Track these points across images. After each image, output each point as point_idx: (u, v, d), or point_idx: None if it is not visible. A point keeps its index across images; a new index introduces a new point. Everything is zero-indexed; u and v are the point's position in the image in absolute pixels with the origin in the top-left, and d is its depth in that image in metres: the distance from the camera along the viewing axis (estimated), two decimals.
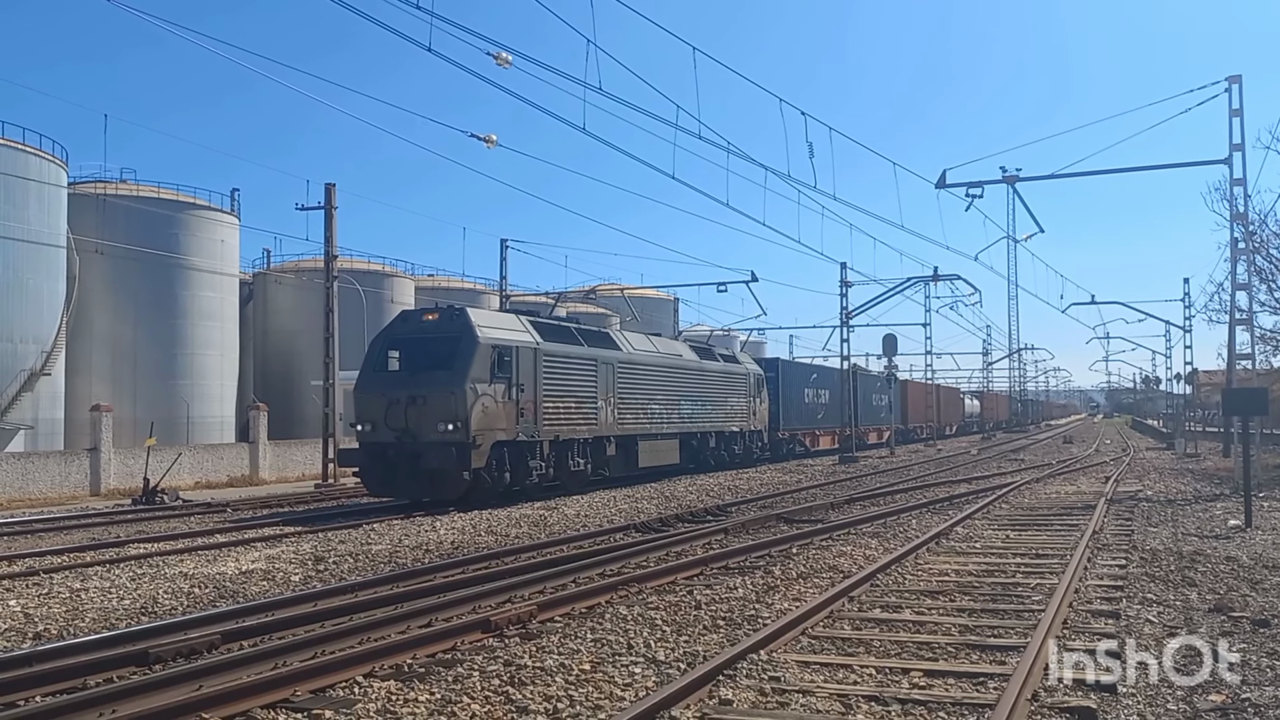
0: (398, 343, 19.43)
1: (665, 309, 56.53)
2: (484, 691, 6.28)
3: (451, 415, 17.75)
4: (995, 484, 22.72)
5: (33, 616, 8.96)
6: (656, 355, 26.12)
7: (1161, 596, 9.34)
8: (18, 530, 15.98)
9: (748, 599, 9.32)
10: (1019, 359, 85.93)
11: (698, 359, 28.79)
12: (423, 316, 20.01)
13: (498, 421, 18.57)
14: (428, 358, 18.64)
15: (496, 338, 18.98)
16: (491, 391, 18.38)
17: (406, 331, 19.53)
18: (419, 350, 18.92)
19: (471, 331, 18.55)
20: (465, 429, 17.73)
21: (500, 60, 13.97)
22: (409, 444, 17.98)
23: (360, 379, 19.47)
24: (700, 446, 28.23)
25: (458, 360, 18.18)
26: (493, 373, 18.45)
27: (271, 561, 12.16)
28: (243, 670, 6.66)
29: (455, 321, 19.01)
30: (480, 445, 18.07)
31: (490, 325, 19.43)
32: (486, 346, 18.49)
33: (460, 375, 17.95)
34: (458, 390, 17.80)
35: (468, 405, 17.75)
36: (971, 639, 7.56)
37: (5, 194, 31.41)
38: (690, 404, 27.28)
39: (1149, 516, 16.34)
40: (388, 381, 18.79)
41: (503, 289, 37.07)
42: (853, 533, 14.28)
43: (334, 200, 26.76)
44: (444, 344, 18.53)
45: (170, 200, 37.45)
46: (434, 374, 18.26)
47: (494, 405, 18.43)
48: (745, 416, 31.51)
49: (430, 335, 18.93)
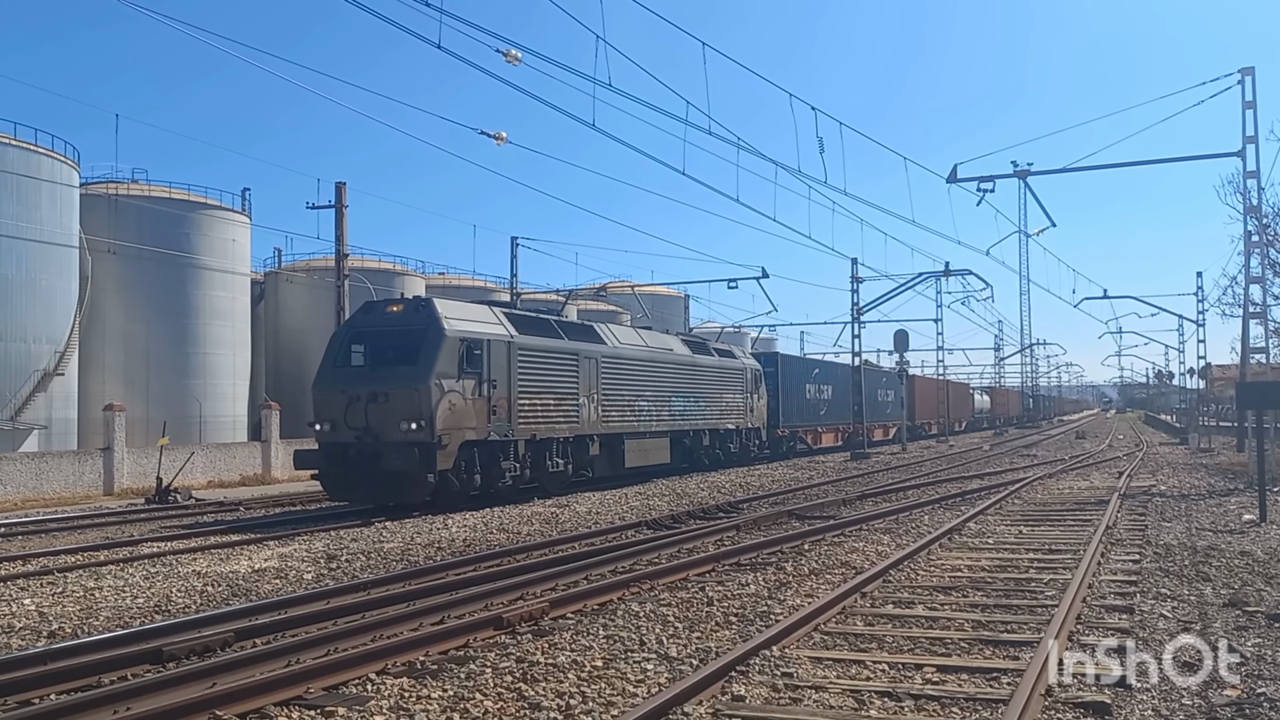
0: (360, 336, 18.30)
1: (676, 306, 56.50)
2: (496, 688, 6.28)
3: (415, 413, 16.70)
4: (1008, 479, 22.64)
5: (47, 615, 9.00)
6: (644, 349, 25.01)
7: (1176, 591, 9.29)
8: (32, 530, 16.07)
9: (760, 595, 9.31)
10: (1031, 354, 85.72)
11: (690, 353, 27.70)
12: (386, 308, 18.89)
13: (467, 420, 17.53)
14: (391, 352, 17.62)
15: (465, 330, 17.84)
16: (460, 388, 17.35)
17: (369, 324, 18.38)
18: (382, 344, 17.86)
19: (437, 324, 17.43)
20: (430, 428, 16.67)
21: (510, 57, 13.97)
22: (370, 444, 16.90)
23: (319, 374, 18.38)
24: (693, 445, 27.19)
25: (422, 354, 17.10)
26: (461, 368, 17.39)
27: (284, 560, 12.20)
28: (256, 668, 6.68)
29: (420, 313, 17.94)
30: (447, 445, 16.99)
31: (459, 317, 18.25)
32: (454, 339, 17.38)
33: (425, 370, 16.89)
34: (421, 386, 16.76)
35: (432, 402, 16.72)
36: (985, 634, 7.53)
37: (18, 194, 31.58)
38: (682, 400, 26.20)
39: (1163, 511, 16.26)
40: (348, 377, 17.72)
41: (513, 286, 37.10)
42: (865, 529, 14.25)
43: (345, 199, 26.82)
44: (408, 337, 17.46)
45: (182, 200, 37.60)
46: (397, 369, 17.27)
47: (462, 402, 17.38)
48: (742, 413, 30.36)
49: (394, 328, 17.86)
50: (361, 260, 39.53)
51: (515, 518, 16.35)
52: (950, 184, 22.92)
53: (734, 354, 31.18)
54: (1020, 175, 23.70)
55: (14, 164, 31.25)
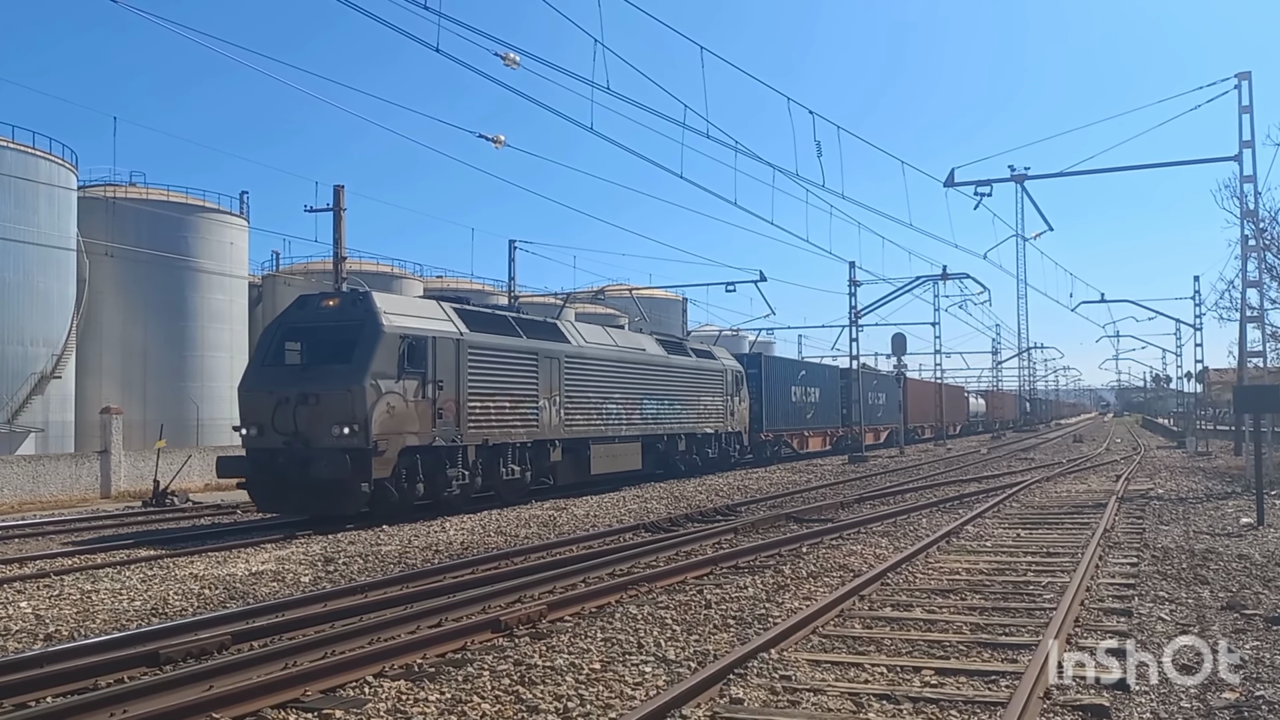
0: (294, 333, 16.92)
1: (674, 309, 56.56)
2: (494, 691, 6.27)
3: (348, 417, 15.36)
4: (1005, 483, 22.65)
5: (44, 618, 8.98)
6: (614, 349, 23.64)
7: (1174, 594, 9.29)
8: (29, 533, 16.04)
9: (758, 598, 9.30)
10: (1028, 358, 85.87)
11: (664, 353, 26.35)
12: (322, 302, 17.42)
13: (408, 424, 16.22)
14: (325, 350, 16.35)
15: (407, 326, 16.53)
16: (400, 389, 16.04)
17: (303, 319, 16.98)
18: (315, 341, 16.61)
19: (375, 319, 16.13)
20: (365, 433, 15.36)
21: (508, 61, 13.98)
22: (300, 451, 15.50)
23: (245, 374, 17.17)
24: (668, 450, 25.90)
25: (357, 352, 15.78)
26: (402, 367, 16.08)
27: (281, 562, 12.18)
28: (253, 670, 6.66)
29: (357, 307, 16.58)
30: (384, 452, 15.68)
31: (400, 312, 17.03)
32: (393, 336, 16.06)
33: (359, 370, 15.57)
34: (355, 387, 15.43)
35: (368, 405, 15.40)
36: (983, 637, 7.53)
37: (15, 197, 31.57)
38: (655, 403, 24.91)
39: (1160, 515, 16.27)
40: (276, 377, 16.34)
41: (511, 289, 37.11)
42: (863, 532, 14.25)
43: (343, 202, 26.79)
44: (343, 333, 16.16)
45: (179, 203, 37.61)
46: (329, 368, 15.96)
47: (403, 405, 16.08)
48: (721, 417, 29.08)
49: (328, 324, 16.53)
50: (359, 263, 39.54)
51: (513, 520, 16.34)
52: (948, 188, 22.96)
53: (713, 354, 30.04)
54: (1017, 179, 23.72)
55: (12, 167, 31.26)
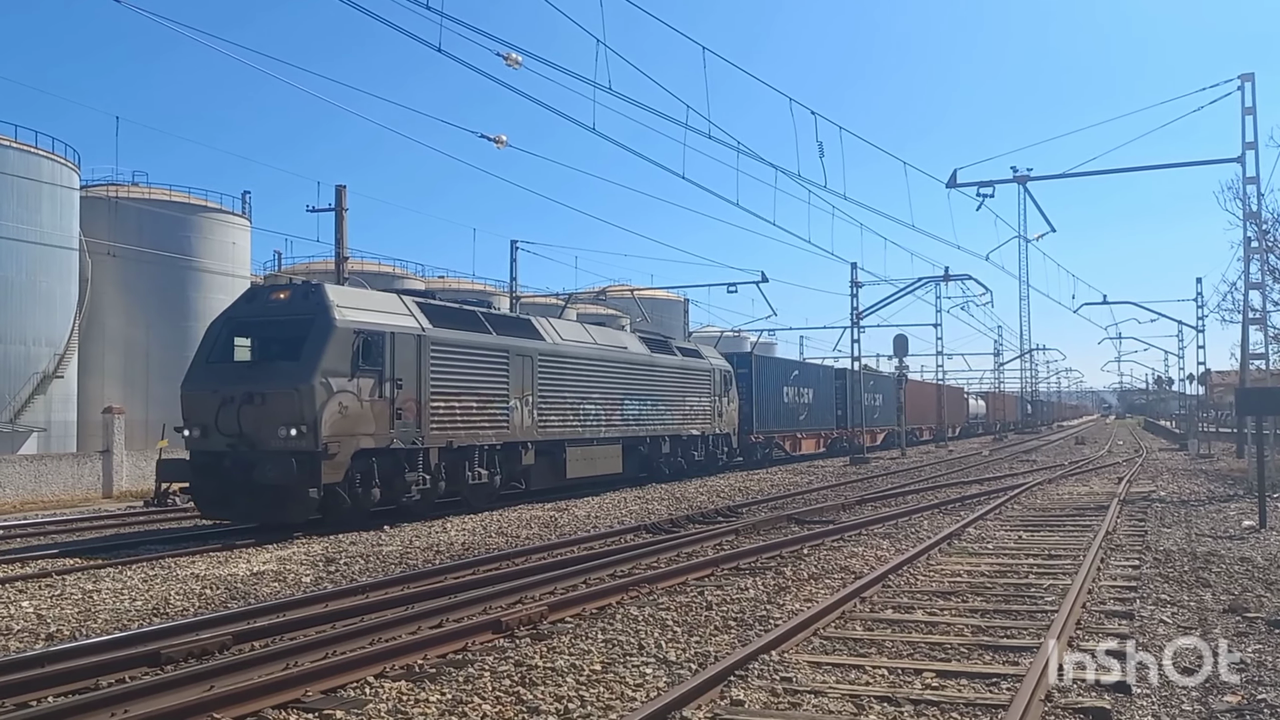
0: (242, 327, 16.00)
1: (675, 310, 56.58)
2: (495, 692, 6.27)
3: (296, 417, 14.40)
4: (1007, 485, 22.63)
5: (45, 618, 8.98)
6: (592, 347, 22.52)
7: (1175, 597, 9.29)
8: (30, 532, 16.05)
9: (759, 600, 9.30)
10: (1030, 359, 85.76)
11: (647, 352, 25.24)
12: (271, 295, 16.33)
13: (362, 425, 15.25)
14: (273, 346, 15.51)
15: (362, 321, 15.51)
16: (353, 388, 15.06)
17: (251, 313, 16.05)
18: (264, 337, 15.79)
19: (326, 313, 15.11)
20: (314, 434, 14.38)
21: (510, 61, 13.98)
22: (245, 454, 14.61)
23: (189, 372, 15.99)
24: (651, 453, 24.84)
25: (306, 348, 14.78)
26: (355, 364, 15.08)
27: (283, 563, 12.18)
28: (254, 671, 6.67)
29: (309, 300, 15.51)
30: (335, 455, 14.68)
31: (355, 306, 15.92)
32: (346, 331, 15.07)
33: (308, 367, 14.59)
34: (304, 385, 14.44)
35: (317, 405, 14.42)
36: (984, 639, 7.53)
37: (18, 197, 31.61)
38: (637, 404, 23.85)
39: (1162, 517, 16.26)
40: (221, 375, 15.39)
41: (513, 290, 37.14)
42: (864, 533, 14.24)
43: (344, 202, 26.79)
44: (292, 328, 15.19)
45: (181, 203, 37.65)
46: (275, 366, 15.10)
47: (356, 405, 15.11)
48: (709, 418, 28.00)
49: (277, 318, 15.60)
50: (361, 264, 39.55)
51: (514, 521, 16.34)
52: (950, 189, 22.97)
53: (700, 353, 29.02)
54: (1020, 180, 23.73)
55: (14, 166, 31.28)
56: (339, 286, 17.40)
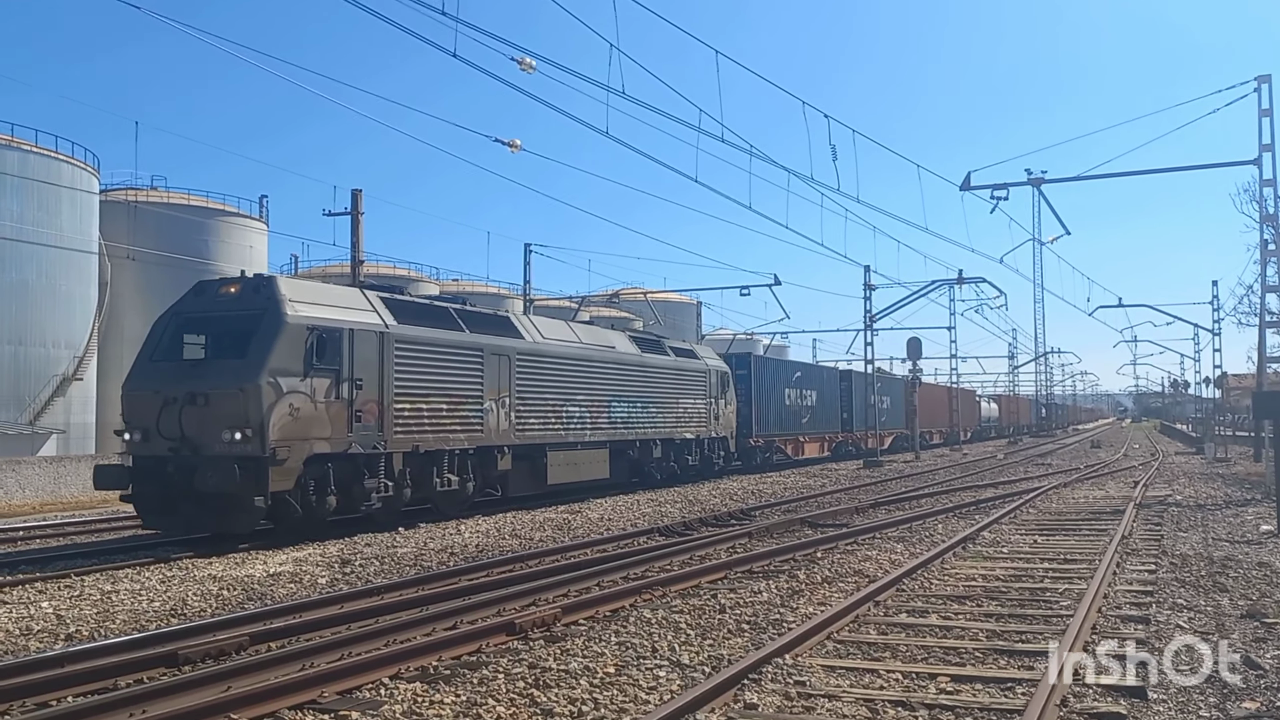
0: (189, 323, 14.99)
1: (688, 313, 56.54)
2: (509, 694, 6.30)
3: (240, 420, 13.40)
4: (1022, 489, 22.54)
5: (65, 618, 9.06)
6: (576, 346, 21.44)
7: (1192, 602, 9.24)
8: (50, 533, 16.19)
9: (772, 603, 9.30)
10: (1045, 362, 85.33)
11: (637, 351, 24.18)
12: (220, 288, 15.19)
13: (315, 428, 14.22)
14: (221, 343, 14.70)
15: (316, 316, 14.53)
16: (306, 388, 14.07)
17: (199, 308, 15.01)
18: (211, 333, 14.99)
19: (277, 307, 14.16)
20: (260, 438, 13.39)
21: (524, 65, 14.03)
22: (188, 459, 13.53)
23: (131, 370, 15.01)
24: (641, 457, 23.71)
25: (254, 346, 13.85)
26: (309, 362, 14.09)
27: (299, 564, 12.25)
28: (270, 671, 6.71)
29: (259, 294, 14.56)
30: (285, 460, 13.69)
31: (309, 300, 14.96)
32: (298, 328, 14.10)
33: (254, 365, 13.63)
34: (249, 386, 13.47)
35: (264, 406, 13.45)
36: (999, 644, 7.50)
37: (39, 201, 31.91)
38: (625, 405, 22.79)
39: (1179, 521, 16.16)
40: (163, 374, 14.32)
41: (526, 293, 37.24)
42: (878, 537, 14.21)
43: (360, 206, 26.90)
44: (241, 324, 14.30)
45: (200, 206, 37.94)
46: (220, 364, 14.23)
47: (310, 406, 14.11)
48: (704, 420, 26.93)
49: (226, 313, 14.66)
50: (377, 266, 39.74)
51: (528, 523, 16.38)
52: (964, 191, 22.87)
53: (695, 354, 27.81)
54: (1034, 183, 23.59)
55: (35, 171, 31.60)
56: (294, 280, 16.07)
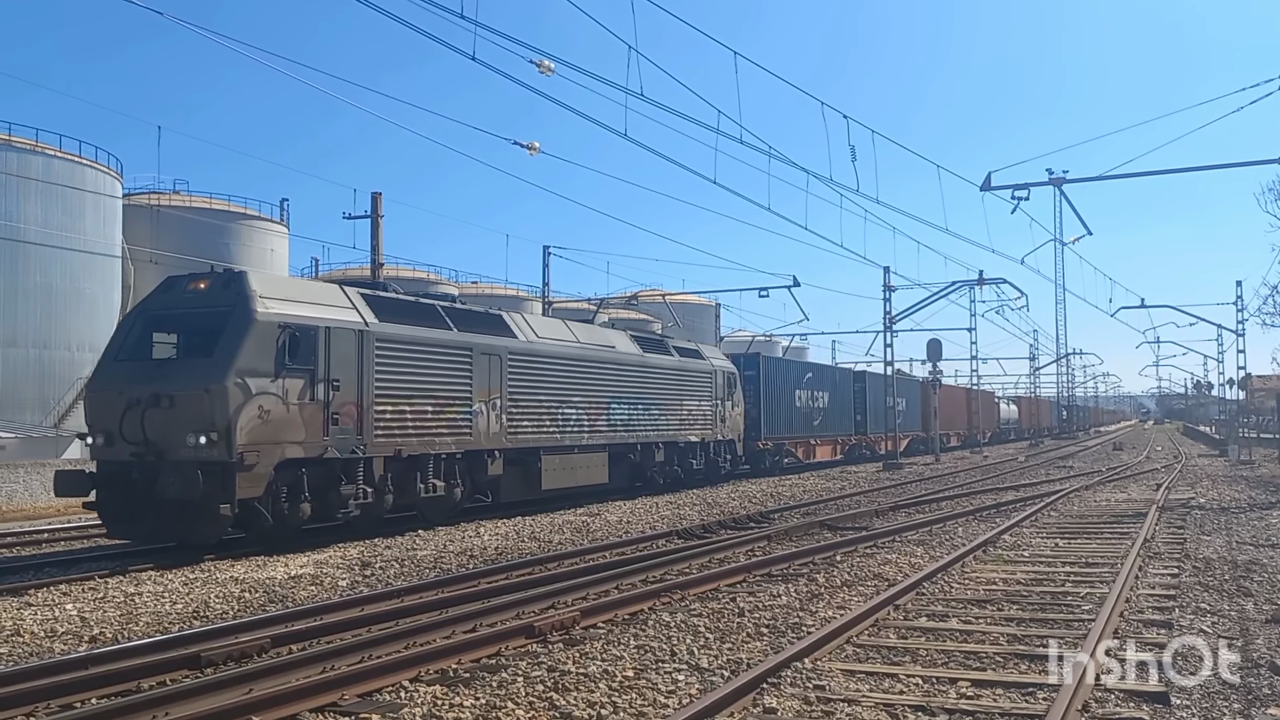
0: (157, 321, 14.28)
1: (707, 314, 56.55)
2: (528, 697, 6.31)
3: (205, 423, 12.63)
4: (1043, 491, 22.40)
5: (89, 620, 9.15)
6: (573, 345, 20.52)
7: (1216, 606, 9.15)
8: (75, 535, 16.34)
9: (791, 606, 9.28)
10: (1067, 364, 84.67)
11: (638, 351, 23.28)
12: (189, 285, 14.39)
13: (288, 431, 13.46)
14: (188, 342, 14.11)
15: (289, 314, 13.75)
16: (277, 389, 13.32)
17: (167, 305, 14.28)
18: (178, 331, 14.36)
19: (246, 304, 13.38)
20: (226, 442, 12.61)
21: (543, 68, 14.07)
22: (152, 464, 12.83)
23: (95, 371, 14.40)
24: (642, 461, 22.82)
25: (221, 344, 13.09)
26: (281, 362, 13.33)
27: (319, 567, 12.32)
28: (292, 674, 6.75)
29: (228, 290, 13.78)
30: (254, 466, 12.91)
31: (282, 296, 14.15)
32: (268, 325, 13.33)
33: (221, 365, 12.86)
34: (215, 386, 12.69)
35: (230, 408, 12.66)
36: (1020, 648, 7.46)
37: (63, 205, 32.26)
38: (626, 408, 21.94)
39: (1202, 524, 16.01)
40: (128, 375, 13.58)
41: (545, 295, 37.34)
42: (898, 540, 14.16)
43: (380, 209, 27.09)
44: (208, 321, 13.57)
45: (222, 210, 38.26)
46: (186, 364, 13.58)
47: (281, 408, 13.35)
48: (709, 423, 26.00)
49: (194, 310, 13.91)
50: (396, 269, 39.92)
51: (547, 526, 16.41)
52: (984, 192, 22.75)
53: (700, 354, 26.88)
54: (1056, 183, 23.44)
55: (59, 175, 31.94)
56: (267, 275, 15.19)
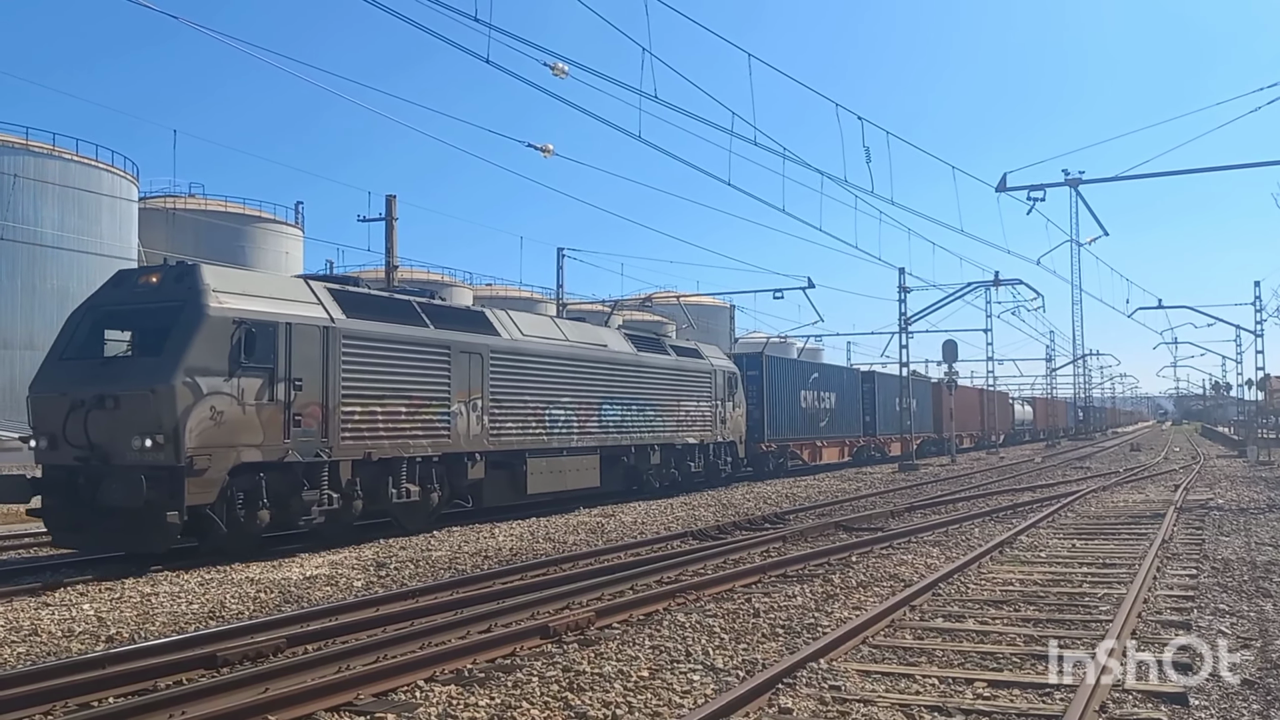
0: (106, 317, 13.45)
1: (721, 316, 56.56)
2: (543, 697, 6.31)
3: (152, 425, 11.84)
4: (1060, 492, 22.29)
5: (106, 620, 9.19)
6: (561, 344, 19.56)
7: (1234, 607, 9.08)
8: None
9: (807, 607, 9.25)
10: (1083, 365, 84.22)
11: (633, 350, 22.34)
12: (140, 279, 13.75)
13: (243, 434, 12.64)
14: (138, 340, 13.37)
15: (246, 309, 12.90)
16: (232, 389, 12.49)
17: (116, 300, 13.47)
18: (128, 328, 13.60)
19: (198, 299, 12.54)
20: (175, 445, 11.80)
21: (557, 71, 14.09)
22: (97, 469, 12.06)
23: (40, 370, 13.49)
24: (637, 464, 22.04)
25: (170, 342, 12.28)
26: (236, 360, 12.51)
27: (335, 567, 12.35)
28: (307, 674, 6.77)
29: (180, 285, 12.97)
30: (205, 471, 12.10)
31: (239, 291, 13.24)
32: (222, 321, 12.50)
33: (169, 363, 12.04)
34: (162, 386, 11.88)
35: (179, 409, 11.85)
36: (1037, 649, 7.41)
37: (79, 208, 32.51)
38: (619, 409, 21.11)
39: (1220, 525, 15.89)
40: (72, 375, 12.78)
41: (559, 297, 37.40)
42: (914, 541, 14.10)
43: (394, 212, 27.18)
44: (158, 318, 12.76)
45: (236, 213, 38.50)
46: (132, 362, 12.88)
47: (236, 410, 12.53)
48: (709, 424, 25.09)
49: (144, 305, 13.11)
50: (411, 272, 40.03)
51: (561, 527, 16.42)
52: (1000, 193, 22.65)
53: (699, 353, 25.97)
54: (1072, 184, 23.32)
55: (76, 179, 32.18)
56: (222, 268, 14.72)
